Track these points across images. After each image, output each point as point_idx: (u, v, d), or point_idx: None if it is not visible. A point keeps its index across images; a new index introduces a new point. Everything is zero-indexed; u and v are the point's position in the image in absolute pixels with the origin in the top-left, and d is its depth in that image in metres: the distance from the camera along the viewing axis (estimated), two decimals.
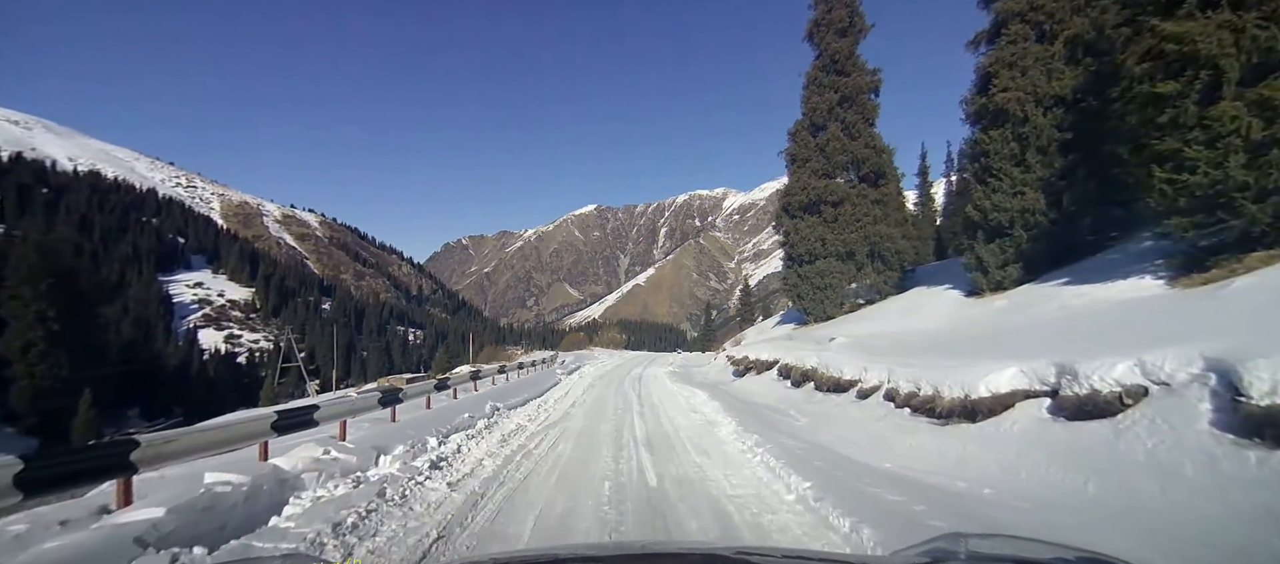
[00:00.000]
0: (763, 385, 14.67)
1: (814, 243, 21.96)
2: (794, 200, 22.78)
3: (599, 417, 11.00)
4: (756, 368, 17.15)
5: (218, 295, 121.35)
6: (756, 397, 13.16)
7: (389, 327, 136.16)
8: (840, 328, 17.66)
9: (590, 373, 25.52)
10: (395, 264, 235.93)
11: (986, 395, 6.29)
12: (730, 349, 26.97)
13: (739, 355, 20.56)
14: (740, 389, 15.43)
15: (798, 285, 23.32)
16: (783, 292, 26.49)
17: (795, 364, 13.26)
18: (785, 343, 17.58)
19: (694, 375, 21.98)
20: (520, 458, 7.07)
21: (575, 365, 31.08)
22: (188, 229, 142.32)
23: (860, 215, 21.40)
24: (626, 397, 14.83)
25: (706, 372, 24.65)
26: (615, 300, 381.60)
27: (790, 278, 24.00)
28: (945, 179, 47.10)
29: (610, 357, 48.53)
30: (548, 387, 18.16)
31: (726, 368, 22.19)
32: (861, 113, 21.56)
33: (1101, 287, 9.56)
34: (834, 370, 10.80)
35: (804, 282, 22.86)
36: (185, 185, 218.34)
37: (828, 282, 22.05)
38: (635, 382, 20.06)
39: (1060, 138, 12.14)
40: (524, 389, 16.85)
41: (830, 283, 22.05)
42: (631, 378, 22.17)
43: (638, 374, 24.24)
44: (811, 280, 22.46)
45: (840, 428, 8.23)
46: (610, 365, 32.92)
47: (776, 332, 26.92)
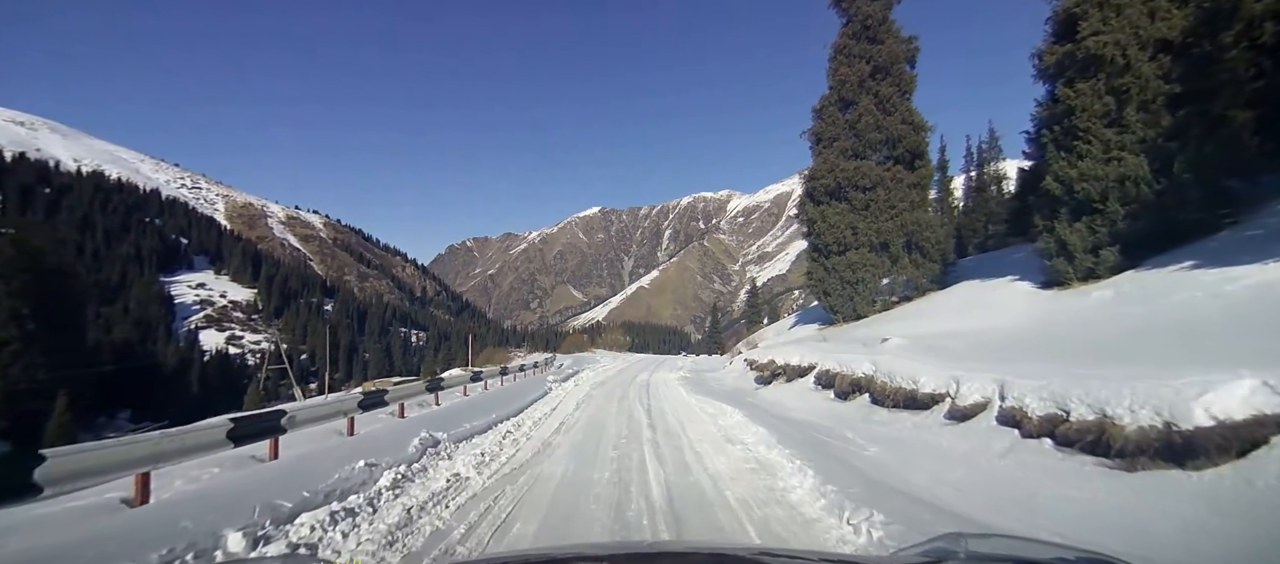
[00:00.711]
0: (798, 397, 12.40)
1: (843, 232, 19.74)
2: (820, 185, 20.55)
3: (593, 453, 7.50)
4: (785, 374, 14.90)
5: (220, 296, 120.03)
6: (794, 411, 10.84)
7: (392, 328, 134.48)
8: (883, 327, 15.47)
9: (588, 380, 21.83)
10: (399, 266, 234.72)
11: (1209, 424, 4.10)
12: (747, 352, 24.52)
13: (761, 359, 18.17)
14: (771, 401, 12.98)
15: (824, 280, 21.01)
16: (806, 287, 23.26)
17: (840, 371, 11.04)
18: (817, 345, 15.36)
19: (709, 383, 19.42)
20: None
21: (572, 370, 27.16)
22: (191, 230, 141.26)
23: (895, 201, 19.15)
24: (633, 416, 11.30)
25: (722, 378, 21.79)
26: (619, 303, 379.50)
27: (815, 272, 21.65)
28: (965, 174, 45.67)
29: (613, 359, 44.47)
30: (531, 400, 14.12)
31: (744, 373, 19.84)
32: (897, 84, 19.34)
33: (1259, 268, 7.37)
34: (901, 380, 8.64)
35: (831, 276, 20.62)
36: (190, 186, 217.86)
37: (859, 275, 19.81)
38: (642, 391, 16.90)
39: (1167, 91, 9.96)
40: (499, 404, 12.56)
41: (862, 277, 19.80)
42: (637, 386, 19.05)
43: (644, 381, 21.25)
44: (840, 274, 20.22)
45: (935, 465, 5.93)
46: (612, 370, 29.53)
47: (800, 332, 24.49)
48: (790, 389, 13.53)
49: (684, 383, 19.00)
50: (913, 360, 8.94)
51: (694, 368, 30.07)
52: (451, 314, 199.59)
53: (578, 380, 21.52)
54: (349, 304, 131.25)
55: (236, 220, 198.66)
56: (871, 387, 9.55)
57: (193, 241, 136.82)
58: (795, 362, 14.56)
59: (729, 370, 23.96)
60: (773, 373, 15.85)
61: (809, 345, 15.79)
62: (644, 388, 18.05)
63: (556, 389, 17.79)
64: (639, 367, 32.61)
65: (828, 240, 20.45)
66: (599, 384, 20.26)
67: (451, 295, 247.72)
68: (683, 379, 20.88)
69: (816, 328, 23.50)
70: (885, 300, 20.58)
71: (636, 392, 16.71)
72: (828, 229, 20.28)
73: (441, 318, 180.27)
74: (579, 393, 16.65)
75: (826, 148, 20.39)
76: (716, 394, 14.39)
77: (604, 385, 19.70)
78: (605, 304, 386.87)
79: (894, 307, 19.97)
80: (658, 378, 22.55)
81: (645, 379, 21.96)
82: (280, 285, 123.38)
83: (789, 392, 13.31)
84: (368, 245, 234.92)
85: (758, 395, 14.37)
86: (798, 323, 31.73)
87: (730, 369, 24.23)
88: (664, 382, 20.22)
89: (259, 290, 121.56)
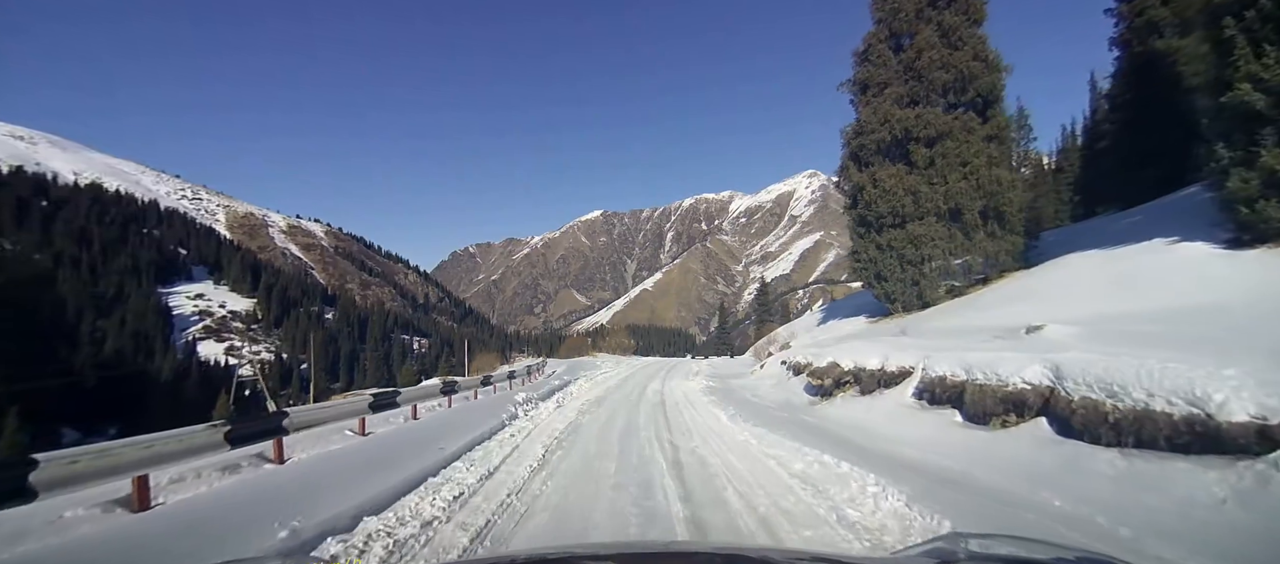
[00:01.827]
0: (894, 420, 8.54)
1: (901, 199, 16.29)
2: (868, 142, 17.18)
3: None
4: (857, 382, 10.82)
5: (219, 307, 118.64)
6: (906, 447, 7.14)
7: (393, 335, 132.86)
8: (969, 316, 12.69)
9: (580, 398, 15.34)
10: (401, 273, 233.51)
11: None
12: (783, 353, 20.20)
13: (811, 361, 13.49)
14: (850, 425, 9.03)
15: (875, 261, 17.40)
16: (852, 272, 18.75)
17: (974, 379, 7.38)
18: (894, 341, 11.66)
19: (743, 395, 14.67)
20: None
21: (560, 382, 20.63)
22: (190, 240, 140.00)
23: (967, 156, 15.66)
24: (650, 485, 5.86)
25: (756, 386, 16.76)
26: (623, 306, 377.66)
27: (864, 252, 17.84)
28: (1083, 125, 38.58)
29: (616, 364, 38.19)
30: (465, 447, 8.23)
31: (784, 379, 15.65)
32: (964, 10, 16.15)
33: None
34: (1158, 393, 4.83)
35: (886, 255, 16.94)
36: (190, 197, 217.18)
37: (924, 252, 16.32)
38: (657, 415, 11.46)
39: None
40: (404, 458, 7.23)
41: (928, 254, 16.29)
42: (649, 405, 13.43)
43: (657, 396, 15.35)
44: (898, 252, 16.56)
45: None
46: (614, 379, 23.33)
47: (845, 326, 20.62)
48: (876, 406, 9.54)
49: (712, 397, 13.94)
50: (1169, 358, 5.14)
51: (714, 373, 25.08)
52: (454, 320, 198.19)
53: (564, 398, 15.03)
54: (349, 312, 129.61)
55: (237, 230, 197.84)
56: (1055, 405, 5.95)
57: (192, 252, 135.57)
58: (873, 365, 10.48)
59: (761, 375, 19.43)
60: (835, 380, 11.57)
61: (881, 342, 11.75)
62: (659, 409, 12.58)
63: (522, 418, 11.33)
64: (647, 373, 27.48)
65: (881, 211, 16.79)
66: (594, 404, 13.89)
67: (454, 301, 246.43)
68: (708, 390, 15.70)
69: (865, 320, 19.87)
70: (954, 284, 16.96)
71: (650, 418, 11.13)
72: (881, 197, 16.70)
73: (444, 324, 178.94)
74: (558, 422, 10.62)
75: (875, 97, 17.20)
76: (767, 416, 10.23)
77: (601, 405, 13.61)
78: (609, 307, 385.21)
79: (968, 291, 16.32)
80: (675, 390, 16.81)
81: (658, 393, 16.39)
82: (280, 295, 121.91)
83: (874, 411, 9.40)
84: (370, 253, 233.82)
85: (823, 415, 10.50)
86: (827, 318, 27.86)
87: (762, 374, 19.71)
88: (686, 397, 14.47)
89: (259, 300, 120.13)
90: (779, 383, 16.01)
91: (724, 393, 15.12)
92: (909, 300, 17.06)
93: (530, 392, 16.37)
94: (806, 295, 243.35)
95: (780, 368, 17.61)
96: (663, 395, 15.53)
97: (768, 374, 18.83)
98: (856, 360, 11.13)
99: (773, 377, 17.60)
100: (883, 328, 16.63)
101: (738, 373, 23.82)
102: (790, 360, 16.71)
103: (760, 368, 21.56)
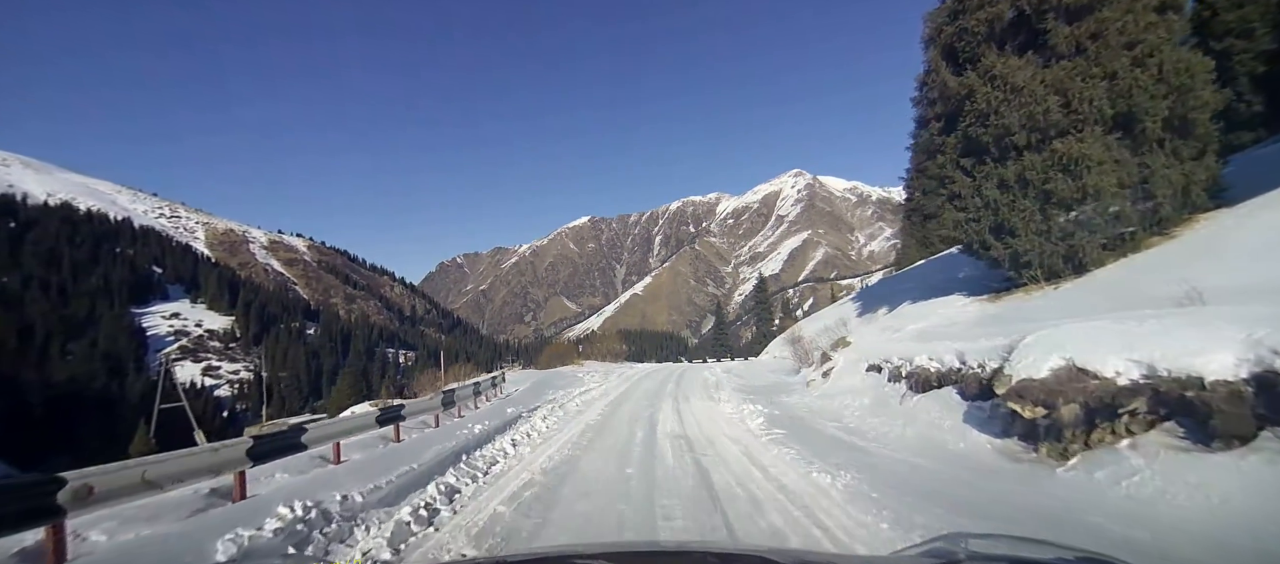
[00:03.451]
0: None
1: (1041, 102, 10.70)
2: (974, 23, 11.80)
3: None
4: (1168, 415, 4.86)
5: (195, 326, 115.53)
6: None
7: (378, 349, 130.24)
8: (1201, 281, 7.26)
9: (521, 468, 7.56)
10: (387, 285, 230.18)
11: None
12: (847, 352, 13.70)
13: (1026, 369, 6.10)
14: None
15: (994, 206, 11.64)
16: (948, 229, 13.08)
17: None
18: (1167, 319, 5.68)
19: (831, 432, 9.07)
20: None
21: (511, 415, 12.84)
22: (165, 259, 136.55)
23: (1136, 32, 10.35)
24: None
25: (840, 408, 10.75)
26: (614, 311, 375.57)
27: (972, 196, 12.09)
28: None
29: (604, 376, 26.99)
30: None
31: (893, 396, 9.56)
32: None
33: None
34: None
35: (1009, 195, 11.38)
36: (168, 216, 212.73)
37: (1086, 185, 10.44)
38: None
39: None
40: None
41: (1092, 188, 10.42)
42: (681, 494, 5.84)
43: (684, 454, 7.98)
44: (1039, 187, 10.90)
45: None
46: (600, 403, 15.54)
47: (936, 312, 14.67)
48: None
49: (798, 452, 7.45)
50: None
51: (743, 384, 18.59)
52: (443, 331, 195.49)
53: (483, 477, 7.24)
54: (332, 327, 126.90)
55: (217, 248, 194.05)
56: None
57: (168, 270, 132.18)
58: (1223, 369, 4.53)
59: (830, 389, 12.47)
60: (1094, 410, 5.42)
61: (1128, 322, 5.87)
62: (709, 509, 5.29)
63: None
64: (648, 388, 19.76)
65: (1007, 125, 11.05)
66: (541, 494, 6.19)
67: (442, 313, 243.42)
68: (768, 428, 9.43)
69: (965, 301, 14.30)
70: (1126, 233, 11.24)
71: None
72: (1006, 103, 11.03)
73: (432, 336, 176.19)
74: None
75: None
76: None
77: (553, 501, 5.88)
78: (600, 313, 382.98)
79: (1144, 246, 11.06)
80: (711, 431, 9.78)
81: (680, 440, 9.12)
82: (259, 311, 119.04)
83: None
84: (354, 267, 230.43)
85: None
86: (870, 305, 22.69)
87: (830, 386, 12.69)
88: (747, 458, 7.49)
89: (237, 317, 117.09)
90: (882, 403, 9.71)
91: (805, 435, 8.77)
92: (1053, 264, 11.53)
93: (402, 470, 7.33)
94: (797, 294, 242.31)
95: (868, 375, 11.27)
96: (692, 449, 8.26)
97: (843, 386, 11.97)
98: (1155, 359, 5.00)
99: (857, 390, 11.07)
100: (1021, 308, 11.23)
101: (776, 383, 17.48)
102: (892, 362, 10.18)
103: (820, 376, 14.00)
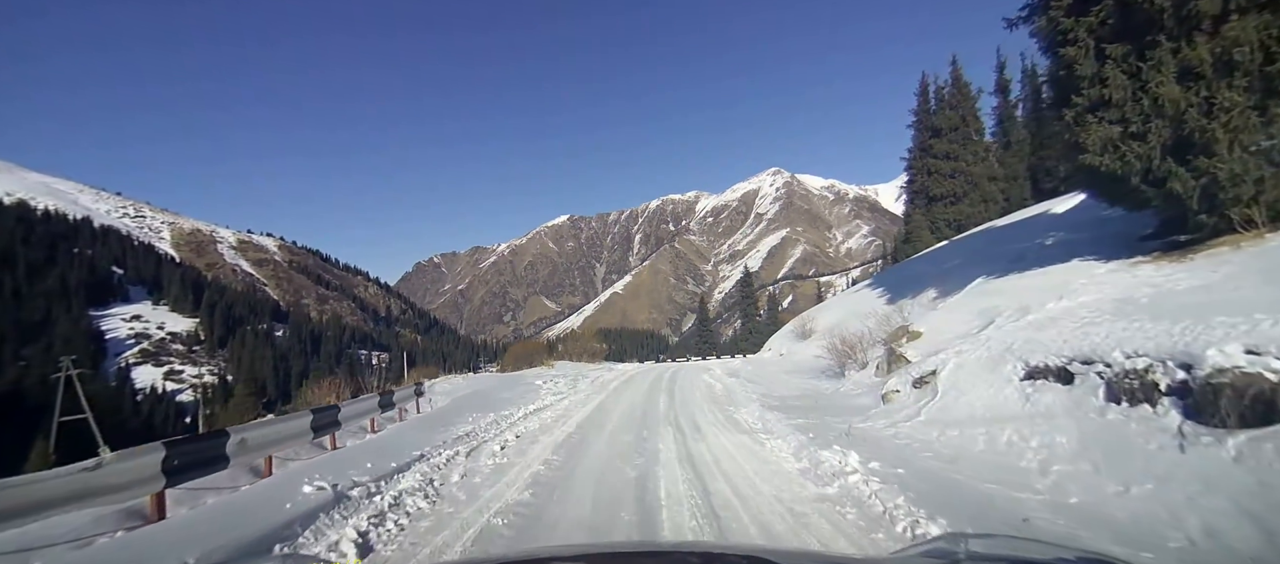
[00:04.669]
0: None
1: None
2: None
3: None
4: None
5: (157, 328, 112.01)
6: None
7: (350, 351, 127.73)
8: None
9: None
10: (361, 286, 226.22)
11: None
12: (941, 358, 9.11)
13: None
14: None
15: (1171, 109, 7.69)
16: (1095, 153, 8.36)
17: None
18: None
19: None
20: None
21: (366, 483, 6.51)
22: (126, 259, 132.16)
23: None
24: None
25: (1019, 460, 5.74)
26: (594, 310, 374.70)
27: (1117, 98, 8.17)
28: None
29: (575, 382, 20.38)
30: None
31: (1136, 443, 4.98)
32: None
33: None
34: None
35: (1197, 92, 7.54)
36: (133, 215, 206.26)
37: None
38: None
39: None
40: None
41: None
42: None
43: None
44: (1246, 73, 7.20)
45: None
46: (552, 438, 9.27)
47: (1071, 287, 9.27)
48: None
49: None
50: None
51: (769, 393, 13.58)
52: (419, 332, 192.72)
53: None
54: (302, 328, 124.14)
55: (184, 248, 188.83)
56: None
57: (128, 271, 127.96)
58: None
59: (933, 409, 7.98)
60: None
61: None
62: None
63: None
64: (633, 405, 13.22)
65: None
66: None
67: (418, 313, 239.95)
68: (908, 503, 4.76)
69: (1100, 269, 9.68)
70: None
71: None
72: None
73: (407, 337, 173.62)
74: None
75: None
76: None
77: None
78: (580, 312, 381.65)
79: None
80: (760, 497, 5.36)
81: None
82: (225, 313, 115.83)
83: None
84: (327, 267, 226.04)
85: None
86: (894, 294, 19.49)
87: (924, 401, 8.38)
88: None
89: (201, 319, 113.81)
90: (1117, 450, 5.16)
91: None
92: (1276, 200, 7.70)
93: None
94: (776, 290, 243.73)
95: (1030, 387, 6.88)
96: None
97: (975, 406, 7.43)
98: None
99: (1016, 418, 6.56)
100: (1239, 271, 7.12)
101: (813, 391, 13.08)
102: (1110, 364, 5.87)
103: (906, 386, 9.44)
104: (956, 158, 37.07)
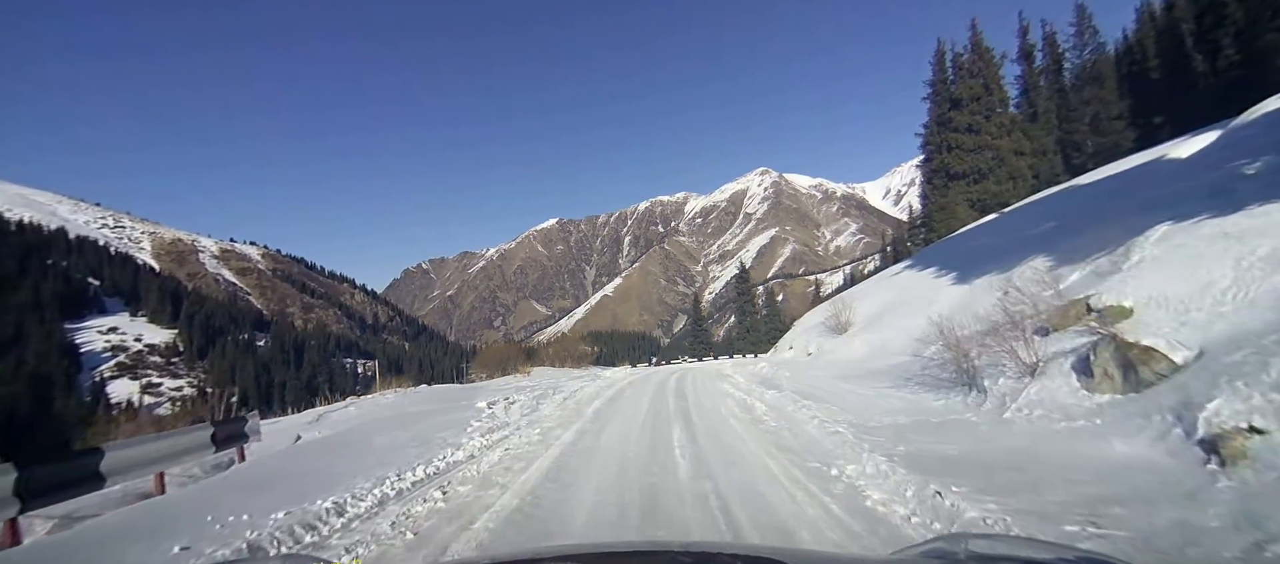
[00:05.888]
0: None
1: None
2: None
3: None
4: None
5: (134, 340, 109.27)
6: None
7: (335, 359, 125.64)
8: None
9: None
10: (347, 293, 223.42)
11: None
12: None
13: None
14: None
15: None
16: None
17: None
18: None
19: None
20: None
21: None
22: (103, 270, 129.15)
23: None
24: None
25: None
26: (584, 313, 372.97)
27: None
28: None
29: (537, 403, 13.75)
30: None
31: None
32: None
33: None
34: None
35: None
36: (112, 226, 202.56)
37: None
38: None
39: None
40: None
41: None
42: None
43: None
44: None
45: None
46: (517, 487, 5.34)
47: None
48: None
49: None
50: None
51: (834, 411, 9.14)
52: (407, 339, 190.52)
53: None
54: (285, 337, 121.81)
55: (164, 258, 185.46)
56: None
57: (105, 282, 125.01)
58: None
59: None
60: None
61: None
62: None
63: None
64: (619, 462, 6.52)
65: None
66: None
67: (406, 320, 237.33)
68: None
69: None
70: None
71: None
72: None
73: (394, 344, 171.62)
74: None
75: None
76: None
77: None
78: (570, 315, 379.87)
79: None
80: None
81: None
82: (204, 323, 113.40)
83: None
84: (311, 275, 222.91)
85: None
86: (961, 275, 15.10)
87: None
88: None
89: (180, 331, 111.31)
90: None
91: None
92: None
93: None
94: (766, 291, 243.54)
95: None
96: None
97: None
98: None
99: None
100: None
101: (944, 424, 7.32)
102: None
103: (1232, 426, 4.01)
104: (979, 131, 33.66)
